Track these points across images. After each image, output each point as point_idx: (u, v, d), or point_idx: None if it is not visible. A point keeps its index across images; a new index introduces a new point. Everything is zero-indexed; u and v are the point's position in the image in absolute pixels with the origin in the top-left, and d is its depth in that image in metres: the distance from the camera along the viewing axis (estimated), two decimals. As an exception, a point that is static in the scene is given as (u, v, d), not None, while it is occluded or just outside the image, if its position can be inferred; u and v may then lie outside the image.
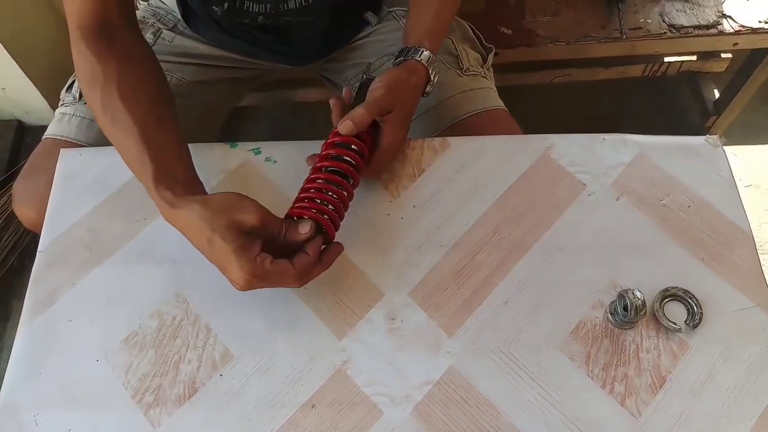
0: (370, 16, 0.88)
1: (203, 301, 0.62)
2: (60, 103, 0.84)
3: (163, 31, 0.89)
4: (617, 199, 0.66)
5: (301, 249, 0.56)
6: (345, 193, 0.60)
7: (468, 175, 0.68)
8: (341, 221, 0.60)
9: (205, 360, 0.59)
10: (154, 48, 0.87)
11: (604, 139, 0.69)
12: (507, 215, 0.65)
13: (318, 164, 0.61)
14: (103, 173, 0.70)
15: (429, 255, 0.63)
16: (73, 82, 0.84)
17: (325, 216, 0.58)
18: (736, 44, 1.16)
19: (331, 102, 0.65)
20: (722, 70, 1.39)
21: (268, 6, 0.77)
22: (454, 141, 0.70)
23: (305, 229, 0.56)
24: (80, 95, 0.82)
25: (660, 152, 0.68)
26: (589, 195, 0.66)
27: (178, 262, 0.64)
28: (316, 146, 0.69)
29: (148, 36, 0.88)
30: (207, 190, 0.67)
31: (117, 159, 0.69)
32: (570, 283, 0.61)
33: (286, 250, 0.56)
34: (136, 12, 0.92)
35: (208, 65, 0.90)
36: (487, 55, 0.90)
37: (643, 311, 0.56)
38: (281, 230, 0.56)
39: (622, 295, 0.56)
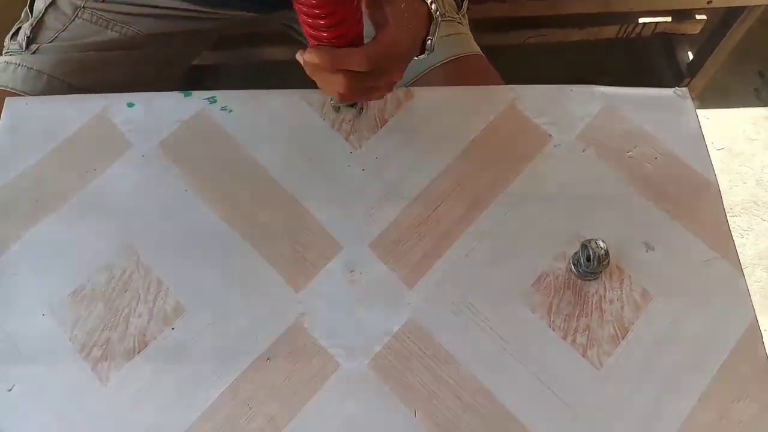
0: None
1: (155, 254, 0.59)
2: (4, 51, 0.80)
3: (120, -20, 0.85)
4: (583, 151, 0.64)
5: None
6: None
7: (432, 127, 0.66)
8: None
9: (156, 313, 0.56)
10: (108, -1, 0.84)
11: (571, 90, 0.68)
12: (471, 167, 0.63)
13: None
14: (50, 123, 0.66)
15: (390, 207, 0.61)
16: (19, 28, 0.79)
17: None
18: (710, 2, 1.15)
19: None
20: (697, 32, 1.38)
21: None
22: (418, 91, 0.68)
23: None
24: (27, 44, 0.78)
25: (628, 104, 0.67)
26: (555, 146, 0.64)
27: (129, 213, 0.61)
28: (273, 95, 0.67)
29: (104, -15, 0.84)
30: (161, 139, 0.65)
31: (65, 108, 0.67)
32: (533, 235, 0.60)
33: None
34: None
35: (166, 16, 0.86)
36: (462, 2, 0.87)
37: (606, 261, 0.55)
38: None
39: (585, 245, 0.55)
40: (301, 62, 0.53)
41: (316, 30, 0.50)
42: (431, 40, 0.59)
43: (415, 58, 0.60)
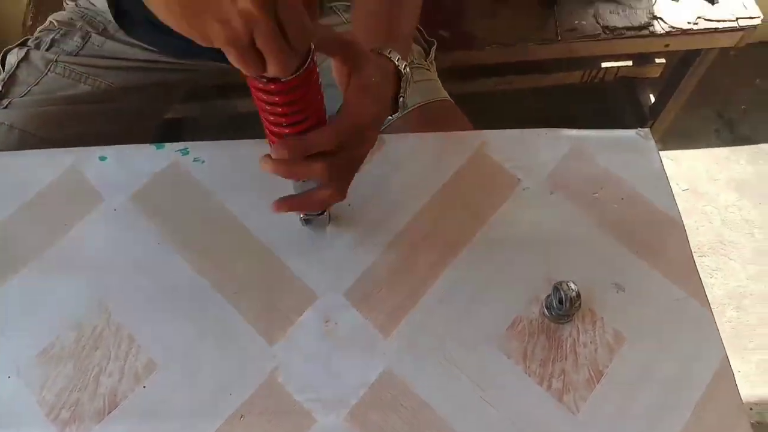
0: None
1: (126, 310, 0.58)
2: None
3: (93, 35, 0.86)
4: (551, 194, 0.65)
5: None
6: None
7: (403, 173, 0.66)
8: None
9: (127, 371, 0.55)
10: (81, 52, 0.84)
11: (538, 134, 0.69)
12: (442, 213, 0.64)
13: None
14: (21, 178, 0.66)
15: (364, 255, 0.62)
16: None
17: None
18: (667, 45, 1.19)
19: None
20: (657, 75, 1.43)
21: None
22: (388, 138, 0.69)
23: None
24: (-1, 97, 0.78)
25: (593, 146, 0.69)
26: (524, 190, 0.65)
27: (100, 268, 0.60)
28: (244, 145, 0.68)
29: (76, 40, 0.85)
30: (133, 192, 0.65)
31: (36, 163, 0.66)
32: (505, 279, 0.60)
33: None
34: (63, 12, 0.89)
35: (139, 68, 0.87)
36: (429, 49, 0.89)
37: (578, 303, 0.55)
38: None
39: (556, 288, 0.56)
40: (268, 169, 0.49)
41: (279, 126, 0.47)
42: (403, 97, 0.58)
43: (389, 117, 0.59)
